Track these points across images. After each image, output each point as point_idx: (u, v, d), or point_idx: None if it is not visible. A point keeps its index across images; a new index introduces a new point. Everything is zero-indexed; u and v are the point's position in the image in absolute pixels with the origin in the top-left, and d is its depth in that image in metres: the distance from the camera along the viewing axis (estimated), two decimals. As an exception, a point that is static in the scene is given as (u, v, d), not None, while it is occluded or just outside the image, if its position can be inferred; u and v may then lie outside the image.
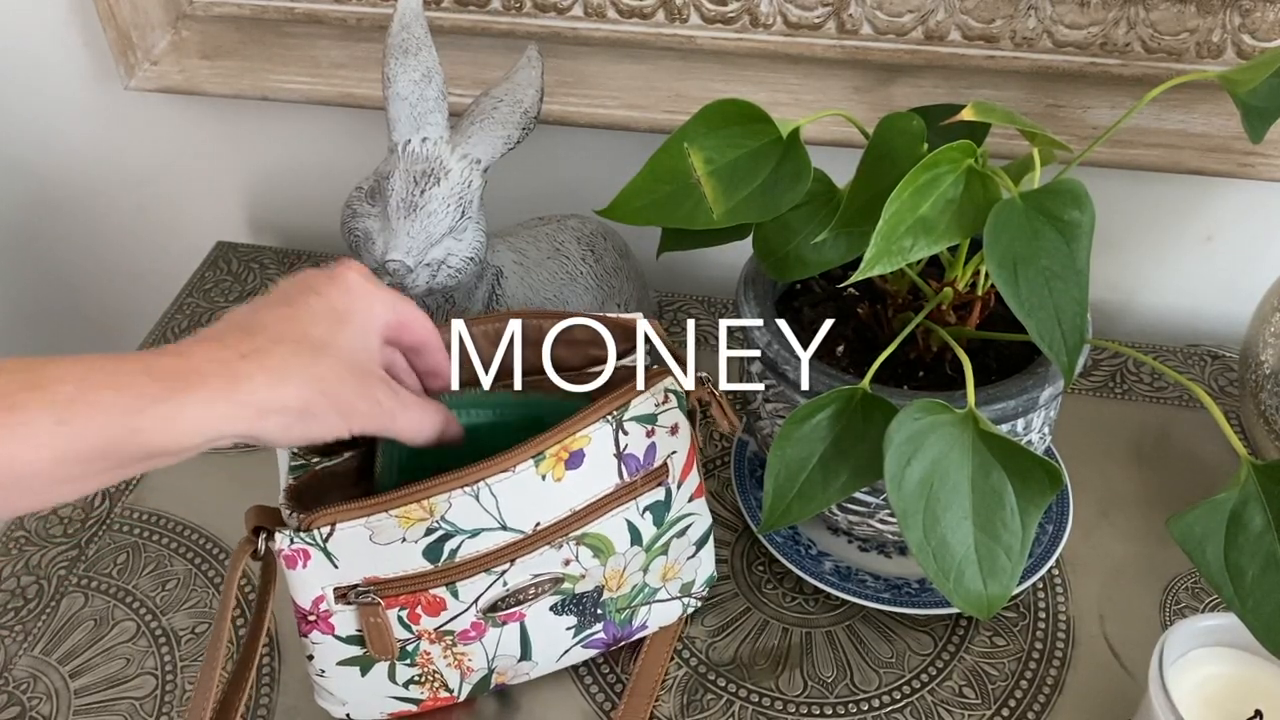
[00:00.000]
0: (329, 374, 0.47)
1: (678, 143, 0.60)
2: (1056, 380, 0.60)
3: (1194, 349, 0.88)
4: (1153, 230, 0.88)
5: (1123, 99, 0.78)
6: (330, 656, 0.58)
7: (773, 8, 0.78)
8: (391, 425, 0.51)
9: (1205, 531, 0.52)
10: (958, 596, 0.53)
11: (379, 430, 0.51)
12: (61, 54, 0.96)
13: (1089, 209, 0.52)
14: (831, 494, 0.57)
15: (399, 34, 0.67)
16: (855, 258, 0.56)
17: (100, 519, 0.77)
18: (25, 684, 0.67)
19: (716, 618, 0.69)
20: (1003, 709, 0.64)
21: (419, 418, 0.53)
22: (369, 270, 0.53)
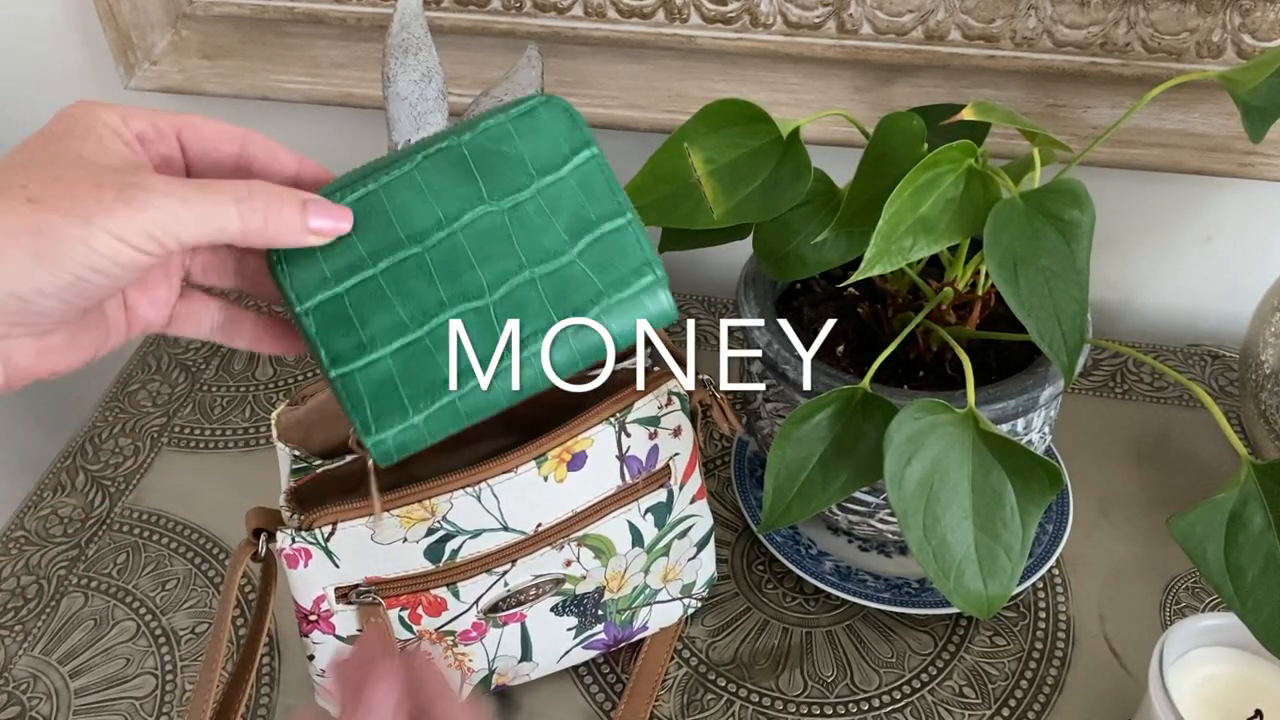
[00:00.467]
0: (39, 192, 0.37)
1: (678, 143, 0.60)
2: (1057, 380, 0.60)
3: (1194, 349, 0.88)
4: (1153, 230, 0.88)
5: (1123, 99, 0.78)
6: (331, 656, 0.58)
7: (773, 7, 0.78)
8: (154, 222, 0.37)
9: (1205, 531, 0.52)
10: (958, 596, 0.53)
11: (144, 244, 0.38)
12: (61, 54, 0.96)
13: (1089, 209, 0.52)
14: (831, 494, 0.57)
15: (399, 34, 0.67)
16: (855, 257, 0.56)
17: (100, 519, 0.77)
18: (25, 684, 0.67)
19: (717, 617, 0.69)
20: (1003, 709, 0.64)
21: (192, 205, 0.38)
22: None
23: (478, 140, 0.42)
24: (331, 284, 0.41)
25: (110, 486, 0.79)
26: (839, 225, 0.57)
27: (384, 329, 0.41)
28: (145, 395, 0.86)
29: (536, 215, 0.42)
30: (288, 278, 0.42)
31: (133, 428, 0.83)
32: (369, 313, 0.41)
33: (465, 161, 0.42)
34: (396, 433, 0.40)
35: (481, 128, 0.42)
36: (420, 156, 0.42)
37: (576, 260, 0.42)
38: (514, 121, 0.43)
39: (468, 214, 0.42)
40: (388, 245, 0.41)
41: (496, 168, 0.42)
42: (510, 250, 0.41)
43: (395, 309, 0.41)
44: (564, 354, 0.41)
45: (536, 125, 0.43)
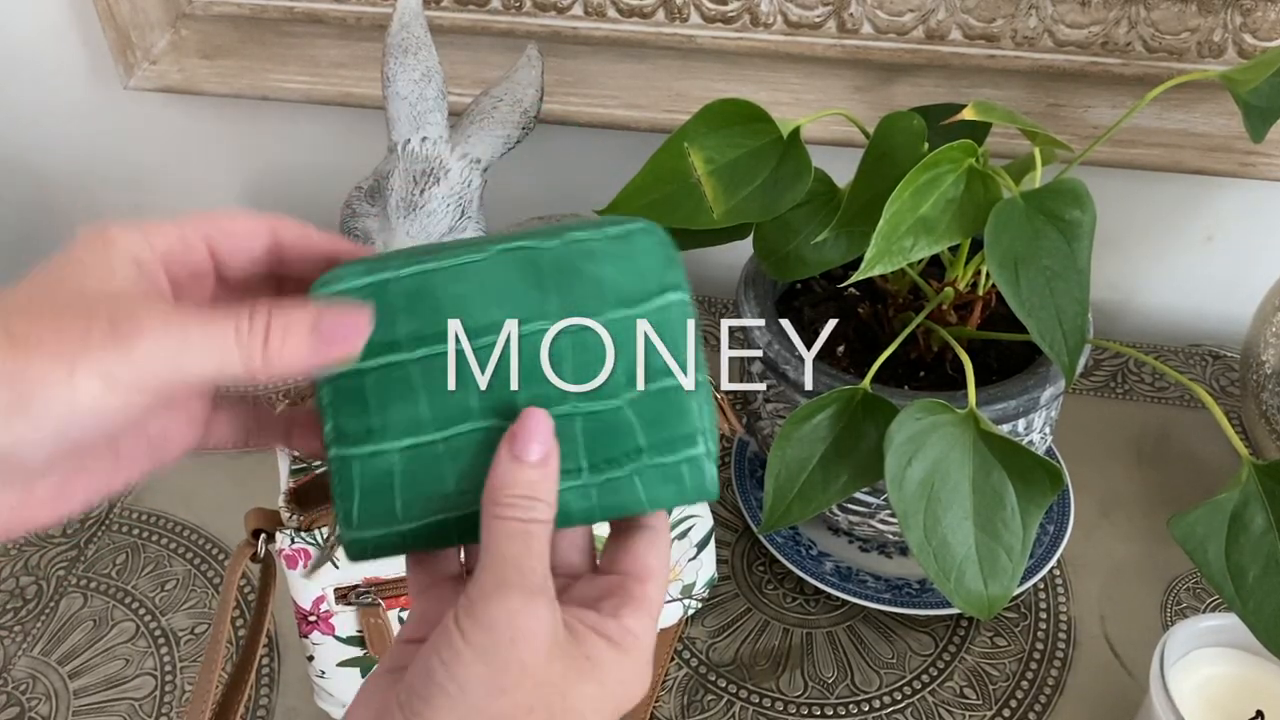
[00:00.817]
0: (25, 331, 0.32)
1: (678, 142, 0.59)
2: (1057, 380, 0.60)
3: (1195, 349, 0.88)
4: (1154, 230, 0.88)
5: (1124, 98, 0.78)
6: (330, 657, 0.58)
7: (773, 7, 0.78)
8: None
9: (1206, 532, 0.52)
10: (958, 597, 0.53)
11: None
12: (61, 54, 0.95)
13: (1090, 208, 0.52)
14: (832, 494, 0.57)
15: (399, 33, 0.67)
16: (856, 257, 0.56)
17: (99, 519, 0.77)
18: (24, 684, 0.67)
19: (717, 618, 0.69)
20: (1004, 709, 0.64)
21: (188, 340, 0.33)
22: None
23: (562, 251, 0.37)
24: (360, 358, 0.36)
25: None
26: (839, 225, 0.57)
27: (399, 421, 0.36)
28: (145, 395, 0.86)
29: (597, 346, 0.37)
30: None
31: (132, 428, 0.83)
32: (389, 400, 0.36)
33: (541, 269, 0.37)
34: (378, 535, 0.36)
35: (569, 238, 0.37)
36: (496, 250, 0.37)
37: (626, 408, 0.37)
38: (606, 242, 0.38)
39: (525, 325, 0.37)
40: (431, 334, 0.36)
41: (573, 285, 0.37)
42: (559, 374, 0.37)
43: (419, 404, 0.36)
44: (583, 504, 0.37)
45: (629, 251, 0.38)
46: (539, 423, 0.36)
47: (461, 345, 0.36)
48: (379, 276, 0.37)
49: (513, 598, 0.33)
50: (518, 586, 0.33)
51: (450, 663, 0.32)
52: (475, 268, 0.37)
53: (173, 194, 1.04)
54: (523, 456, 0.35)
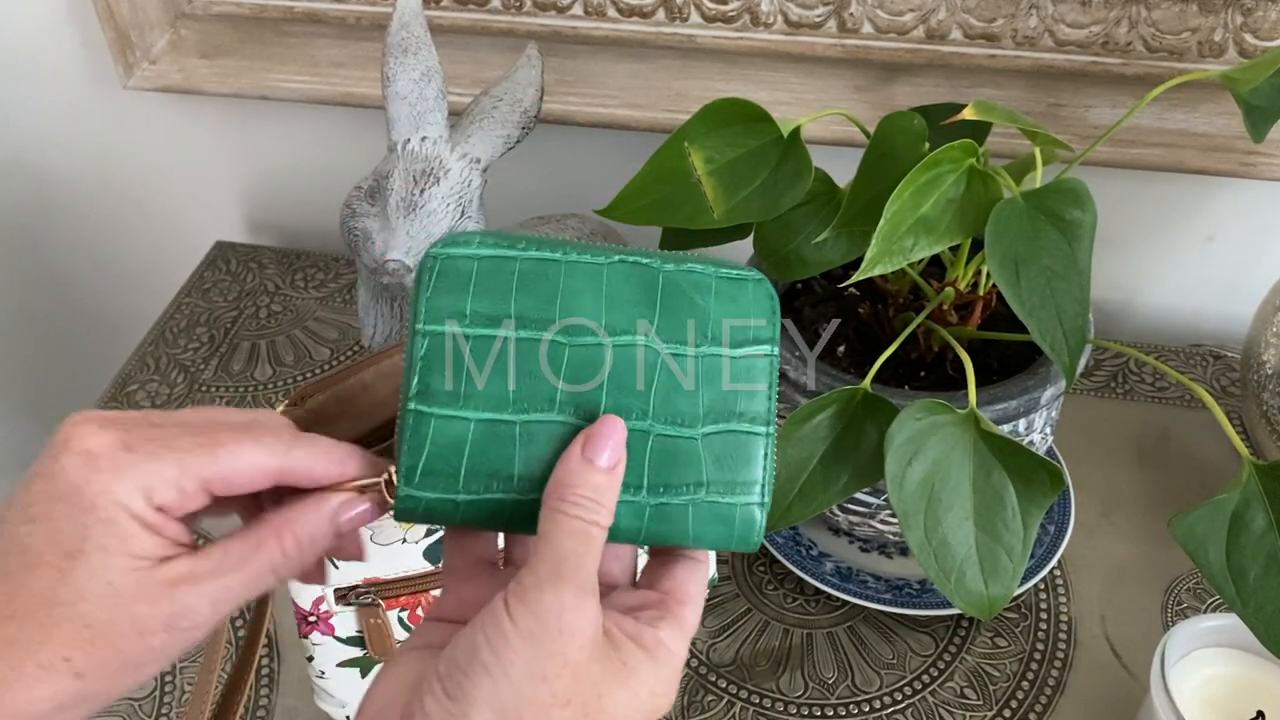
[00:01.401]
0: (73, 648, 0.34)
1: (678, 142, 0.59)
2: (1058, 380, 0.60)
3: (1196, 349, 0.88)
4: (1154, 230, 0.88)
5: (1124, 98, 0.78)
6: (330, 658, 0.58)
7: (773, 6, 0.78)
8: None
9: (1207, 532, 0.52)
10: (959, 597, 0.53)
11: None
12: (60, 54, 0.95)
13: (1090, 208, 0.52)
14: (832, 494, 0.57)
15: (398, 33, 0.67)
16: (856, 257, 0.56)
17: (99, 519, 0.76)
18: (24, 685, 0.67)
19: (717, 619, 0.69)
20: (1004, 710, 0.64)
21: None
22: (109, 420, 0.36)
23: (677, 276, 0.39)
24: (465, 321, 0.37)
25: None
26: (840, 225, 0.57)
27: (485, 393, 0.37)
28: (144, 395, 0.86)
29: (686, 375, 0.38)
30: (427, 289, 0.37)
31: (132, 428, 0.83)
32: (482, 370, 0.37)
33: (655, 287, 0.38)
34: (433, 498, 0.37)
35: (687, 267, 0.39)
36: (617, 258, 0.39)
37: (700, 440, 0.38)
38: (719, 280, 0.39)
39: (628, 335, 0.38)
40: (539, 319, 0.37)
41: (680, 310, 0.38)
42: (645, 393, 0.38)
43: (507, 381, 0.37)
44: (632, 522, 0.37)
45: (737, 295, 0.39)
46: (615, 429, 0.37)
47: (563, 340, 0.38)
48: (505, 252, 0.38)
49: (566, 592, 0.33)
50: (572, 582, 0.34)
51: (496, 642, 0.33)
52: (594, 269, 0.38)
53: (173, 194, 1.04)
54: (594, 459, 0.36)
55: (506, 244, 0.38)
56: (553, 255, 0.38)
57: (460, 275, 0.37)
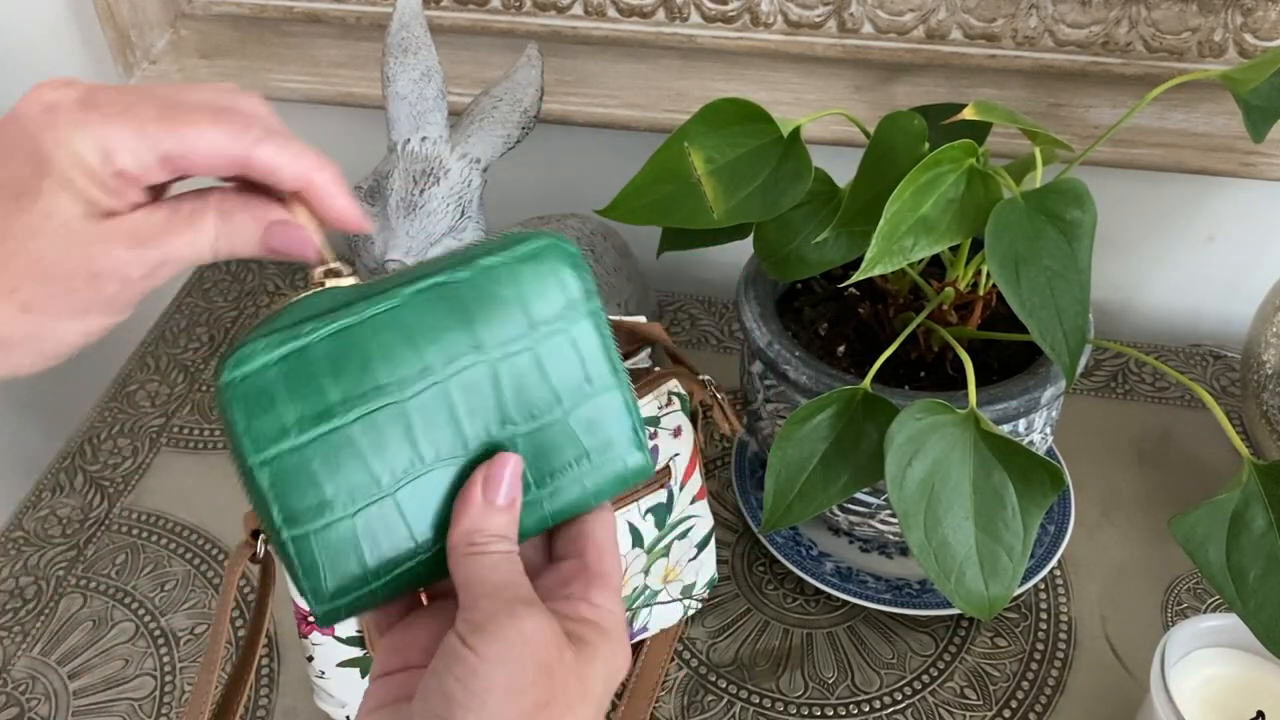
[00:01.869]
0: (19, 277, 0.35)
1: (678, 142, 0.59)
2: (1058, 380, 0.60)
3: (1196, 349, 0.88)
4: (1154, 230, 0.88)
5: (1124, 98, 0.78)
6: (330, 658, 0.58)
7: (773, 6, 0.78)
8: None
9: (1207, 532, 0.52)
10: (959, 597, 0.53)
11: None
12: (60, 54, 0.95)
13: (1091, 208, 0.51)
14: (832, 494, 0.57)
15: (398, 33, 0.67)
16: (856, 257, 0.56)
17: (99, 520, 0.77)
18: (24, 685, 0.67)
19: (717, 619, 0.69)
20: (1004, 710, 0.64)
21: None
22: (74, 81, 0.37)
23: (476, 280, 0.37)
24: (294, 433, 0.35)
25: (109, 487, 0.79)
26: (840, 225, 0.57)
27: (350, 488, 0.35)
28: (144, 395, 0.86)
29: (529, 369, 0.37)
30: (243, 423, 0.34)
31: (131, 428, 0.83)
32: (336, 468, 0.35)
33: (460, 302, 0.36)
34: (350, 601, 0.36)
35: (481, 265, 0.37)
36: (410, 291, 0.36)
37: (565, 420, 0.38)
38: (516, 264, 0.37)
39: (456, 362, 0.36)
40: (364, 391, 0.35)
41: (493, 312, 0.37)
42: (498, 404, 0.37)
43: (367, 465, 0.35)
44: (536, 517, 0.38)
45: (540, 270, 0.37)
46: (507, 466, 0.37)
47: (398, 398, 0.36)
48: (295, 345, 0.35)
49: (518, 611, 0.34)
50: (516, 601, 0.35)
51: (467, 679, 0.33)
52: (394, 314, 0.36)
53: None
54: (495, 500, 0.36)
55: (292, 334, 0.35)
56: (346, 322, 0.35)
57: (264, 391, 0.34)
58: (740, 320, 0.65)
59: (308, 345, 0.35)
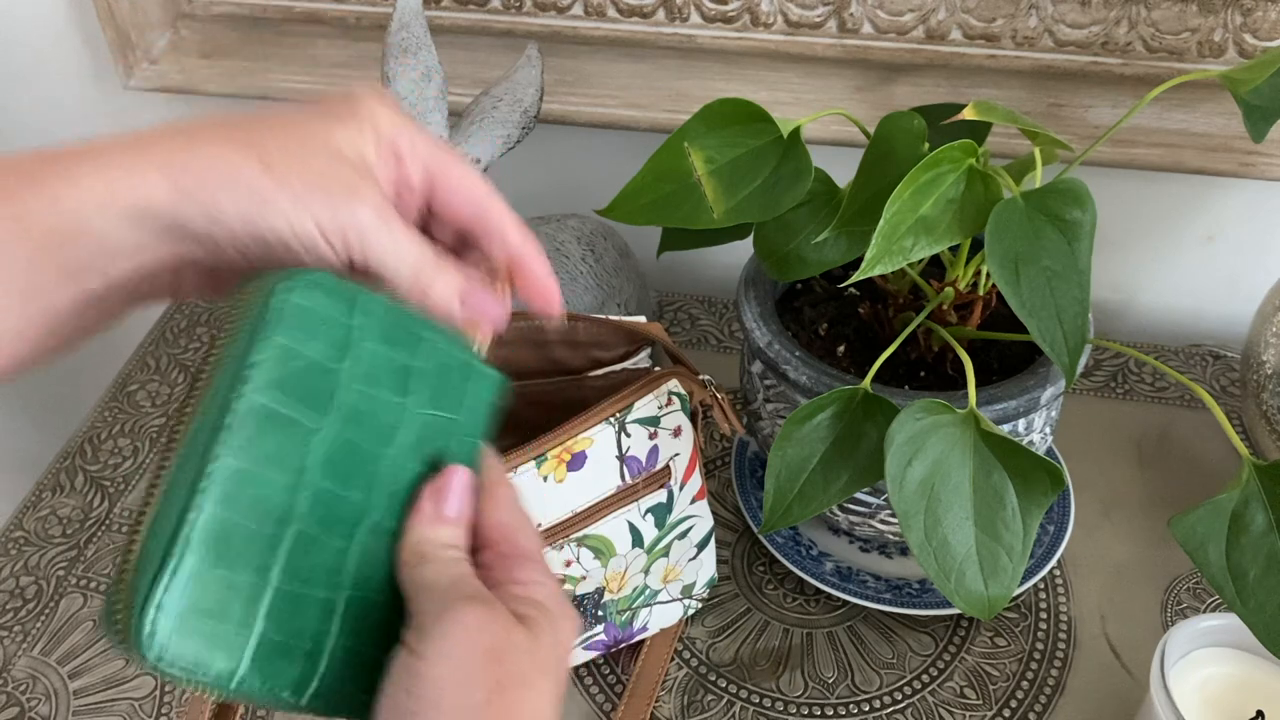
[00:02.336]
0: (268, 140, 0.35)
1: (678, 142, 0.59)
2: (1058, 380, 0.60)
3: (1195, 349, 0.88)
4: (1154, 230, 0.88)
5: (1124, 98, 0.78)
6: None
7: (773, 6, 0.78)
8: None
9: (1207, 532, 0.52)
10: (959, 597, 0.53)
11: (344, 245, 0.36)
12: (60, 54, 0.95)
13: (1090, 208, 0.51)
14: (832, 494, 0.57)
15: (398, 33, 0.67)
16: (856, 257, 0.56)
17: (99, 520, 0.77)
18: (24, 684, 0.67)
19: (717, 618, 0.69)
20: (1004, 710, 0.64)
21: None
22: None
23: (266, 381, 0.33)
24: (248, 629, 0.32)
25: (109, 487, 0.79)
26: (840, 225, 0.57)
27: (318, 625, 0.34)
28: (144, 395, 0.86)
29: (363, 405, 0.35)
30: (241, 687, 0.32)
31: (132, 428, 0.83)
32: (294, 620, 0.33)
33: (276, 409, 0.33)
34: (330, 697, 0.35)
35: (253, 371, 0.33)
36: (219, 450, 0.32)
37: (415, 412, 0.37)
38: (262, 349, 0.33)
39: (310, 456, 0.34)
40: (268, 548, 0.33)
41: (313, 390, 0.34)
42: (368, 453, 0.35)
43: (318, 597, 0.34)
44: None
45: (300, 319, 0.34)
46: (455, 478, 0.37)
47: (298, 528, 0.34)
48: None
49: (458, 605, 0.34)
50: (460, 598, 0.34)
51: (415, 688, 0.33)
52: (236, 475, 0.32)
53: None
54: (446, 512, 0.37)
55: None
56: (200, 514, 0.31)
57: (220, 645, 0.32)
58: (740, 320, 0.65)
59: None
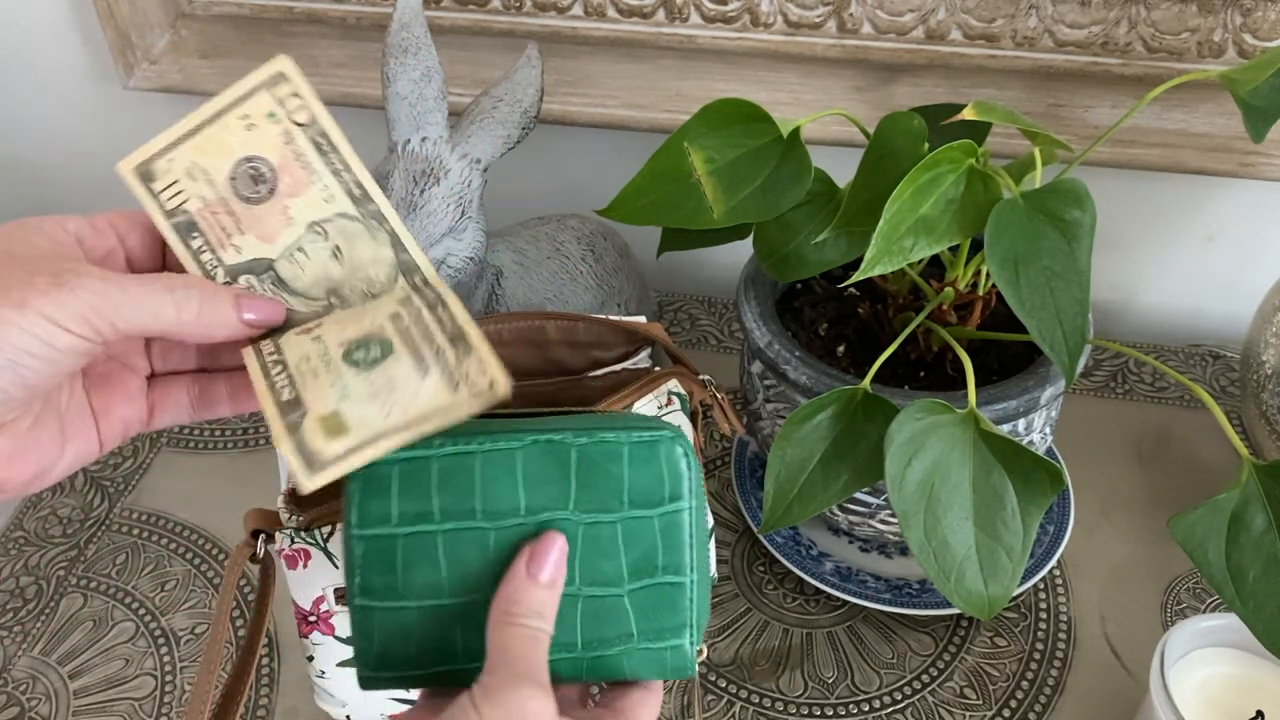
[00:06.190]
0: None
1: (678, 142, 0.59)
2: (1058, 380, 0.60)
3: (1195, 349, 0.88)
4: (1154, 230, 0.88)
5: (1124, 98, 0.78)
6: (331, 657, 0.58)
7: (773, 7, 0.78)
8: None
9: (1206, 532, 0.52)
10: (959, 597, 0.53)
11: None
12: (61, 53, 0.95)
13: (1090, 209, 0.52)
14: (832, 494, 0.57)
15: (398, 33, 0.67)
16: (856, 257, 0.56)
17: (99, 519, 0.77)
18: (24, 684, 0.67)
19: (717, 618, 0.69)
20: (1004, 710, 0.64)
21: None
22: None
23: (590, 450, 0.41)
24: (394, 523, 0.40)
25: (109, 487, 0.79)
26: (839, 225, 0.57)
27: (422, 585, 0.40)
28: (145, 395, 0.86)
29: (609, 541, 0.41)
30: (356, 498, 0.40)
31: (132, 428, 0.83)
32: (415, 563, 0.40)
33: (569, 463, 0.41)
34: (390, 676, 0.41)
35: (599, 438, 0.41)
36: (530, 439, 0.40)
37: (626, 597, 0.41)
38: (632, 446, 0.41)
39: (547, 513, 0.40)
40: (462, 511, 0.40)
41: (595, 481, 0.41)
42: (571, 561, 0.40)
43: (441, 571, 0.40)
44: (573, 671, 0.41)
45: (650, 457, 0.41)
46: (554, 546, 0.40)
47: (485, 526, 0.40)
48: (419, 453, 0.40)
49: (525, 688, 0.37)
50: (529, 680, 0.37)
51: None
52: (508, 455, 0.40)
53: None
54: (537, 576, 0.39)
55: (424, 445, 0.39)
56: (467, 448, 0.40)
57: (382, 481, 0.40)
58: (740, 320, 0.65)
59: (429, 457, 0.40)
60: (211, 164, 0.45)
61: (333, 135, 0.45)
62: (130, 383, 0.45)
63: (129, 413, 0.45)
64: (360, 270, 0.45)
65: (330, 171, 0.45)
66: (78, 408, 0.43)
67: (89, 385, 0.44)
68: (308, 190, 0.45)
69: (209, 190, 0.45)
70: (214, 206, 0.44)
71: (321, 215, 0.45)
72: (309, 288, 0.45)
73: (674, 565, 0.41)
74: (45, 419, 0.41)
